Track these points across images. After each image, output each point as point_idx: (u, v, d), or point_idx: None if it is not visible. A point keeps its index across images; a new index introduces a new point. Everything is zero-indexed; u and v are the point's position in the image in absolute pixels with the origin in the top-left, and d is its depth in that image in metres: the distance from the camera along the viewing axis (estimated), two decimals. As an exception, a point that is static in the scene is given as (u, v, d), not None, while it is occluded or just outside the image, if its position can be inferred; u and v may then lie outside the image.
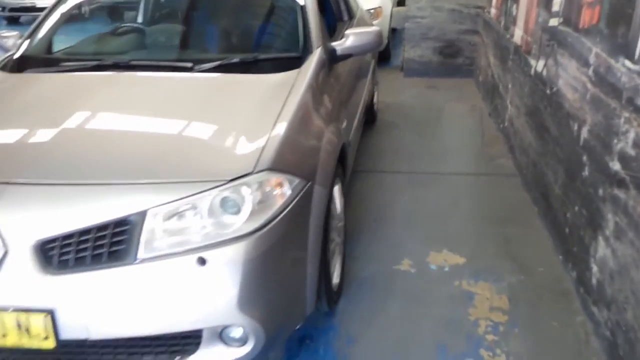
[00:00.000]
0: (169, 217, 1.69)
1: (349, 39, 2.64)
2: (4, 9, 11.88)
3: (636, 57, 1.91)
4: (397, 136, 4.54)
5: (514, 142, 3.94)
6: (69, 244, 1.65)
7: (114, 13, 3.97)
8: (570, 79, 2.65)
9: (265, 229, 1.74)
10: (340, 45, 2.65)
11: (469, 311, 2.40)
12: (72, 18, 3.01)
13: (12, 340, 1.66)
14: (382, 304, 2.47)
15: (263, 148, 1.87)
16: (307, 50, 2.53)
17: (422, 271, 2.71)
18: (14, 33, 2.92)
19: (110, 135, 2.03)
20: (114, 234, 1.66)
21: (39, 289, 1.63)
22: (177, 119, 2.09)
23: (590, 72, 2.36)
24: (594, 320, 2.21)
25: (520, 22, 3.85)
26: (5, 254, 1.63)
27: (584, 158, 2.39)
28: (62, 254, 1.65)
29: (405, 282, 2.62)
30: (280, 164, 1.85)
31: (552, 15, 3.05)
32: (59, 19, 2.92)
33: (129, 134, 2.03)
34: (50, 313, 1.62)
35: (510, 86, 4.16)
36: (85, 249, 1.65)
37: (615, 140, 2.05)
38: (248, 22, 2.91)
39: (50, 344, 1.65)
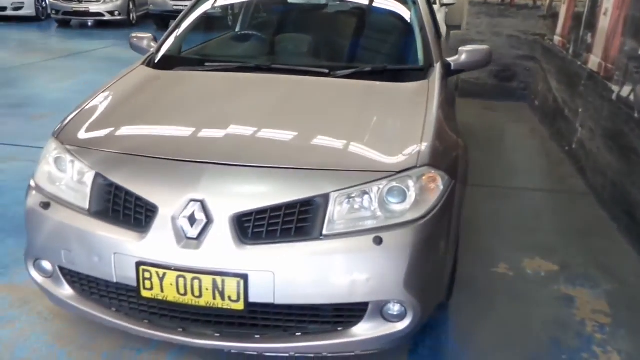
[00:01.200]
0: (347, 200, 1.90)
1: (463, 55, 2.87)
2: (57, 12, 12.33)
3: None
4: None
5: (585, 164, 4.14)
6: (262, 219, 1.87)
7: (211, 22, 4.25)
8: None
9: (427, 218, 1.95)
10: (455, 60, 2.87)
11: (573, 312, 2.59)
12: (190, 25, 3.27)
13: (206, 300, 1.87)
14: (489, 301, 2.66)
15: (420, 146, 2.08)
16: (428, 64, 2.76)
17: (519, 275, 2.90)
18: (148, 35, 3.19)
19: (287, 127, 2.26)
20: (301, 212, 1.88)
21: (236, 256, 1.84)
22: (339, 116, 2.33)
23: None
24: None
25: (598, 50, 4.07)
26: (209, 223, 1.86)
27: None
28: (255, 226, 1.87)
29: (506, 284, 2.81)
30: (435, 162, 2.06)
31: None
32: (187, 26, 3.18)
33: (304, 127, 2.27)
34: (244, 278, 1.83)
35: (581, 110, 4.37)
36: (275, 224, 1.87)
37: None
38: (369, 36, 3.16)
39: (240, 305, 1.86)
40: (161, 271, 1.88)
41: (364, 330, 1.96)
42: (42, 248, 2.13)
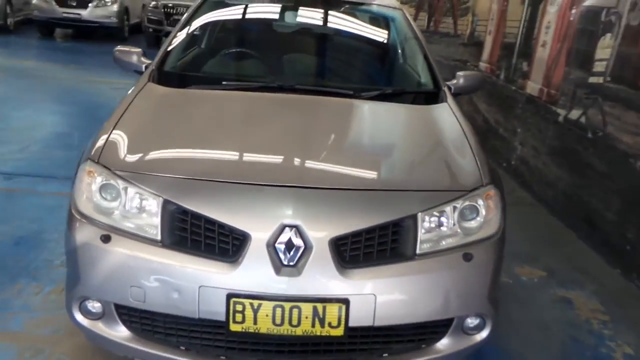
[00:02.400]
0: (430, 220, 1.97)
1: (461, 80, 3.08)
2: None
3: None
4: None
5: (529, 178, 4.59)
6: (358, 242, 1.87)
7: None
8: (628, 126, 3.31)
9: (500, 232, 2.08)
10: (455, 84, 3.07)
11: (576, 312, 2.88)
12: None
13: (304, 328, 1.82)
14: (503, 307, 2.85)
15: (478, 166, 2.22)
16: (438, 87, 2.93)
17: (517, 282, 3.15)
18: (137, 50, 3.02)
19: (352, 150, 2.29)
20: (393, 233, 1.91)
21: (338, 281, 1.82)
22: (392, 138, 2.40)
23: (660, 120, 3.02)
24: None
25: (538, 77, 4.56)
26: (306, 249, 1.82)
27: (654, 188, 3.02)
28: (352, 250, 1.86)
29: (510, 290, 3.04)
30: (494, 179, 2.21)
31: (593, 74, 3.75)
32: (183, 41, 3.06)
33: (367, 149, 2.31)
34: (346, 303, 1.82)
35: (519, 130, 4.85)
36: (370, 246, 1.88)
37: None
38: (374, 59, 3.28)
39: (339, 331, 1.84)
40: (256, 302, 1.80)
41: (446, 345, 2.03)
42: (97, 286, 1.93)
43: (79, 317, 2.00)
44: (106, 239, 1.89)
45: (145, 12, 11.79)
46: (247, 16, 3.39)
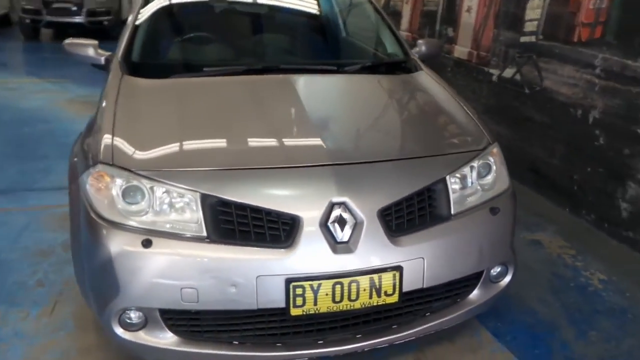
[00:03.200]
0: (456, 180, 2.08)
1: (423, 47, 3.20)
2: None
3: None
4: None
5: (466, 137, 4.89)
6: (400, 210, 1.94)
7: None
8: (564, 78, 3.64)
9: (511, 186, 2.24)
10: (418, 52, 3.19)
11: (548, 251, 3.17)
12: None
13: (362, 301, 1.87)
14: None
15: (480, 126, 2.37)
16: (408, 55, 3.03)
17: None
18: (92, 41, 2.83)
19: (366, 122, 2.34)
20: (429, 198, 2.00)
21: (390, 250, 1.88)
22: (395, 108, 2.47)
23: (598, 70, 3.36)
24: (629, 240, 3.16)
25: (466, 41, 4.83)
26: (357, 224, 1.85)
27: (597, 132, 3.37)
28: (396, 218, 1.92)
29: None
30: (494, 138, 2.36)
31: (524, 34, 4.05)
32: (142, 30, 2.89)
33: (379, 121, 2.36)
34: (399, 270, 1.88)
35: (450, 93, 5.13)
36: (412, 213, 1.96)
37: (643, 113, 3.04)
38: (337, 34, 3.28)
39: (394, 298, 1.91)
40: (316, 283, 1.82)
41: (478, 296, 2.18)
42: (142, 295, 1.84)
43: (119, 331, 1.89)
44: (147, 243, 1.79)
45: (19, 1, 10.73)
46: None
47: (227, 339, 1.92)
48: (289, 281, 1.80)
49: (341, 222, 1.85)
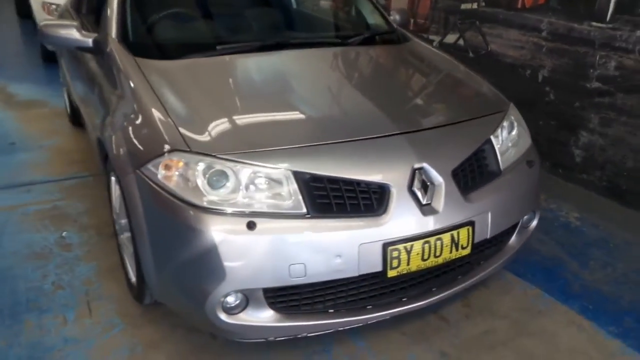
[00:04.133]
0: (496, 139, 2.29)
1: (397, 16, 3.35)
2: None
3: (607, 19, 3.36)
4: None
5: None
6: (464, 170, 2.11)
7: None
8: (511, 42, 4.02)
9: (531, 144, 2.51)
10: (394, 21, 3.33)
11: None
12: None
13: (444, 256, 2.03)
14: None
15: (493, 89, 2.58)
16: (392, 26, 3.16)
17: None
18: (73, 22, 2.62)
19: (400, 93, 2.46)
20: (483, 158, 2.19)
21: (465, 207, 2.05)
22: (414, 76, 2.58)
23: (544, 33, 3.76)
24: (583, 181, 3.64)
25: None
26: (436, 186, 1.99)
27: (547, 89, 3.80)
28: (463, 177, 2.09)
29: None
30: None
31: (465, 2, 4.37)
32: (131, 8, 2.71)
33: (412, 90, 2.51)
34: (472, 224, 2.07)
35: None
36: (472, 172, 2.13)
37: (592, 70, 3.48)
38: (326, 7, 3.29)
39: (467, 250, 2.09)
40: (409, 244, 1.94)
41: (515, 241, 2.43)
42: (248, 277, 1.84)
43: (223, 316, 1.87)
44: (252, 225, 1.78)
45: None
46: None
47: (322, 309, 1.98)
48: (386, 245, 1.90)
49: (424, 185, 1.98)
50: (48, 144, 4.21)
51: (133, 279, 2.36)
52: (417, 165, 1.99)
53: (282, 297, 1.92)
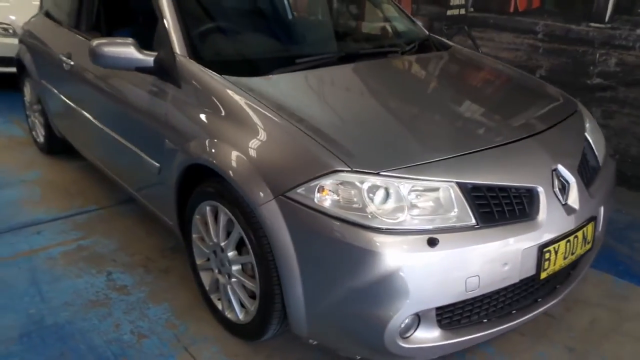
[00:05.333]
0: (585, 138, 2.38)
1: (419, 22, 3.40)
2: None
3: (606, 19, 3.63)
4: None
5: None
6: (582, 166, 2.17)
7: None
8: (504, 45, 4.21)
9: None
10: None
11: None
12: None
13: (577, 252, 2.07)
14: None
15: (556, 89, 2.69)
16: (425, 32, 3.19)
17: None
18: (128, 39, 2.36)
19: (494, 101, 2.49)
20: (588, 154, 2.26)
21: (589, 203, 2.11)
22: (491, 82, 2.60)
23: (540, 35, 3.98)
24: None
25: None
26: (569, 184, 2.03)
27: (544, 87, 4.02)
28: (583, 173, 2.14)
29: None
30: None
31: (451, 8, 4.51)
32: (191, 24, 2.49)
33: (499, 98, 2.53)
34: (594, 219, 2.13)
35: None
36: (585, 167, 2.19)
37: (592, 67, 3.74)
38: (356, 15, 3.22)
39: (589, 245, 2.15)
40: (557, 245, 1.96)
41: (601, 233, 2.50)
42: (429, 297, 1.75)
43: (400, 342, 1.76)
44: (432, 242, 1.69)
45: None
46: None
47: (477, 320, 1.93)
48: (541, 248, 1.90)
49: (562, 186, 2.01)
50: (30, 177, 3.74)
51: (240, 315, 2.16)
52: (553, 167, 2.01)
53: (448, 314, 1.85)
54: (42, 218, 3.18)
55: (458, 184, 1.81)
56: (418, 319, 1.79)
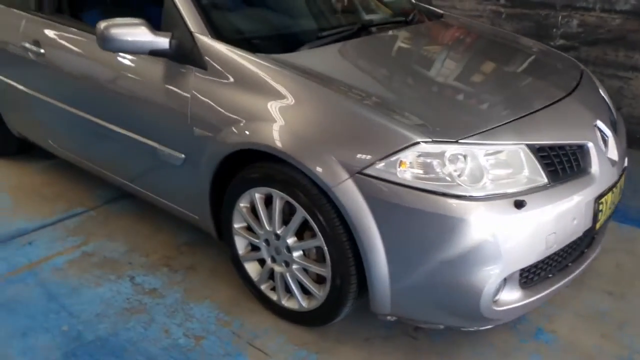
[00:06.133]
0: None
1: None
2: None
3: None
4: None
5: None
6: (611, 119, 2.29)
7: None
8: (466, 12, 4.31)
9: None
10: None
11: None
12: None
13: (615, 202, 2.19)
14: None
15: (556, 50, 2.81)
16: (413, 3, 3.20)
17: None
18: (139, 19, 2.17)
19: (519, 61, 2.55)
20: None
21: (623, 155, 2.24)
22: (501, 46, 2.67)
23: (502, 1, 4.12)
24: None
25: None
26: (609, 137, 2.15)
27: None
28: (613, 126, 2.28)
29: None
30: None
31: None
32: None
33: (515, 56, 2.62)
34: (625, 170, 2.26)
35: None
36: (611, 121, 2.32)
37: (555, 29, 3.94)
38: None
39: (620, 195, 2.26)
40: (606, 197, 2.06)
41: None
42: (517, 258, 1.80)
43: (496, 307, 1.79)
44: (519, 204, 1.73)
45: None
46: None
47: (544, 276, 2.00)
48: (596, 200, 1.99)
49: (604, 140, 2.11)
50: (-9, 183, 3.36)
51: (303, 302, 2.09)
52: (594, 122, 2.11)
53: (526, 273, 1.90)
54: (26, 227, 2.87)
55: (527, 145, 1.85)
56: (504, 281, 1.83)
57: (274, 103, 1.98)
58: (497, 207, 1.73)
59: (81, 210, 3.05)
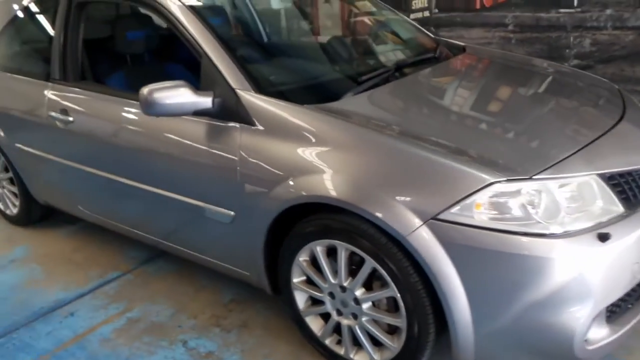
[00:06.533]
0: None
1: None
2: None
3: (575, 4, 3.88)
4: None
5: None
6: None
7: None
8: (474, 40, 4.35)
9: None
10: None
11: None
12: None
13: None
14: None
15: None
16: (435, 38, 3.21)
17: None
18: (180, 82, 2.14)
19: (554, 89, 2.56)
20: None
21: None
22: (547, 76, 2.71)
23: (511, 27, 4.16)
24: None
25: (333, 30, 5.09)
26: None
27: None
28: None
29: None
30: None
31: (412, 12, 4.59)
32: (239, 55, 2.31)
33: (557, 87, 2.59)
34: None
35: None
36: None
37: (568, 50, 3.98)
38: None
39: None
40: None
41: None
42: (607, 294, 1.75)
43: (588, 347, 1.71)
44: (604, 237, 1.68)
45: None
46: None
47: (624, 307, 1.94)
48: None
49: None
50: (19, 255, 3.26)
51: (375, 355, 2.01)
52: None
53: (611, 307, 1.84)
54: (64, 297, 2.77)
55: (599, 174, 1.82)
56: (592, 318, 1.77)
57: (330, 153, 1.93)
58: (582, 242, 1.68)
59: (117, 274, 2.96)
